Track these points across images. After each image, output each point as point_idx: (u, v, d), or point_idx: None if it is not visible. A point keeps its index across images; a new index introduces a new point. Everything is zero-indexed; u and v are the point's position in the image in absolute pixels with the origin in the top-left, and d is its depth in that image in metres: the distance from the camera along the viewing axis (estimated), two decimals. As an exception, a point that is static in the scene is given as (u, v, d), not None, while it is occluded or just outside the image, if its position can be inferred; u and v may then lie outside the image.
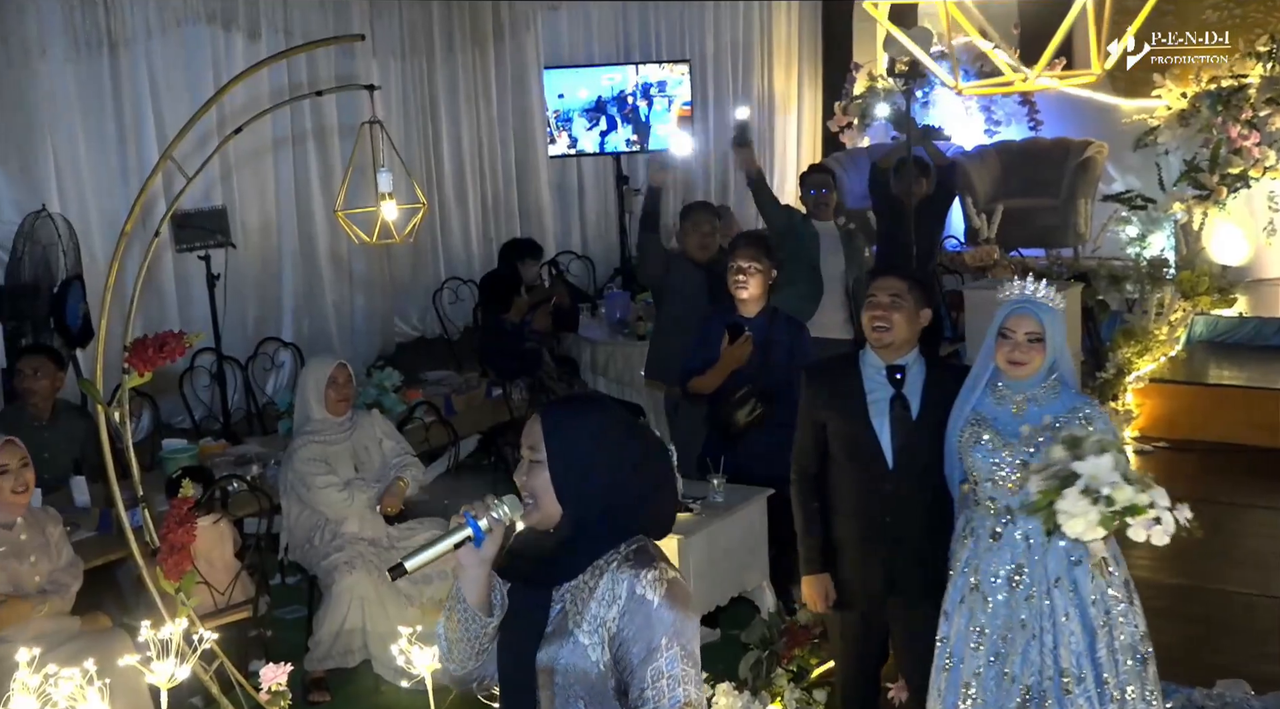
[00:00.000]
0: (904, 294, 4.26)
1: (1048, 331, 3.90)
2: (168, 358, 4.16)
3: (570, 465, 2.55)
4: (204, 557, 5.57)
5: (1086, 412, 3.92)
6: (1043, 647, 3.92)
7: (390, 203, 3.84)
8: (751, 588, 5.83)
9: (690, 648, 2.47)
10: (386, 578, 5.76)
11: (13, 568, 4.87)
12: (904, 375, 4.28)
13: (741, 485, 5.74)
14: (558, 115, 10.26)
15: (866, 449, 4.29)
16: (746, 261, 5.80)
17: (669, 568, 2.52)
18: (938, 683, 4.11)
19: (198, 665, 4.17)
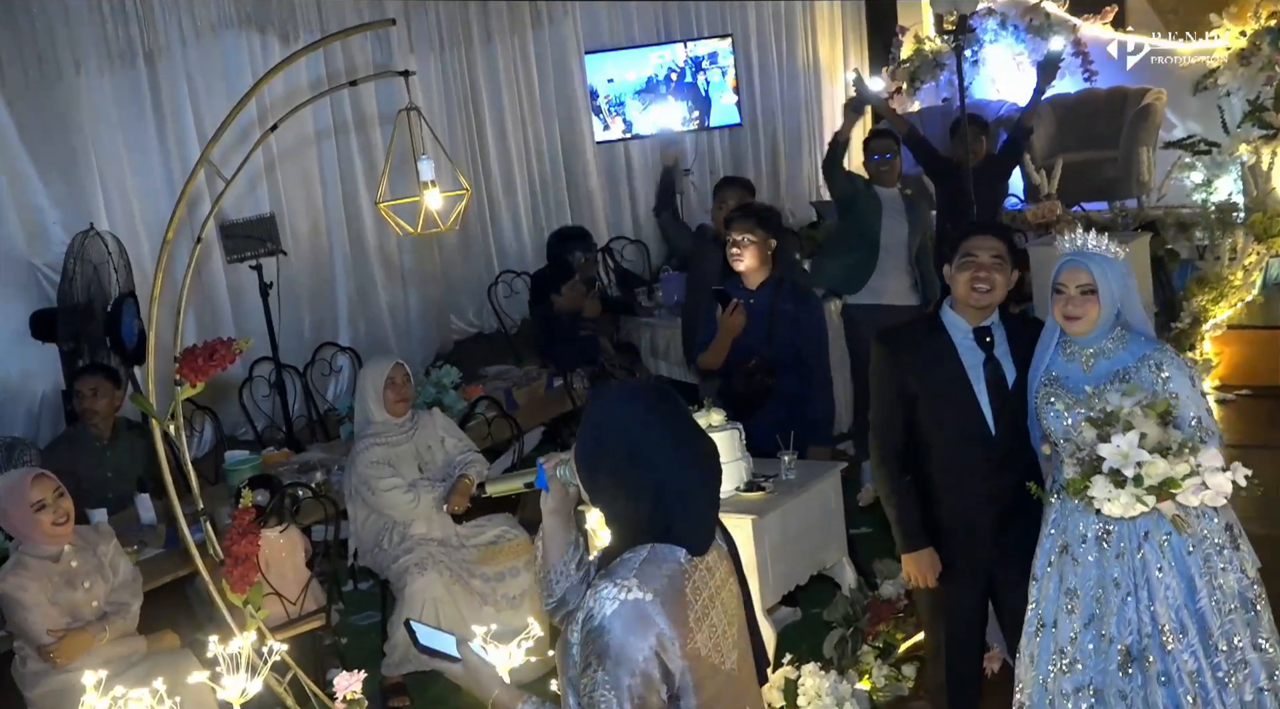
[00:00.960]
0: (1004, 255, 4.10)
1: (1099, 282, 3.74)
2: (218, 366, 4.07)
3: (582, 446, 2.53)
4: (275, 567, 5.51)
5: (1156, 358, 3.76)
6: (1139, 603, 3.76)
7: (434, 191, 3.71)
8: (831, 565, 5.68)
9: (620, 676, 2.32)
10: (459, 578, 5.72)
11: (67, 598, 4.76)
12: (992, 338, 4.11)
13: (815, 461, 5.60)
14: (609, 100, 10.08)
15: (966, 417, 4.10)
16: (740, 234, 5.73)
17: (639, 588, 2.36)
18: (1029, 649, 3.96)
19: (270, 678, 4.09)
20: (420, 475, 5.97)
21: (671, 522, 2.45)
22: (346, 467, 6.06)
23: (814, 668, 5.13)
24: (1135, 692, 3.76)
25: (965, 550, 4.22)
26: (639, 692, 2.32)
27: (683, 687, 2.39)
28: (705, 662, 2.43)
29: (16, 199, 7.30)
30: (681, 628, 2.39)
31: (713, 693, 2.44)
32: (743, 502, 5.22)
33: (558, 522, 2.67)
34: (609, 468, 2.47)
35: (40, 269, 7.30)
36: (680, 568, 2.44)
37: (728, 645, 2.51)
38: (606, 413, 2.51)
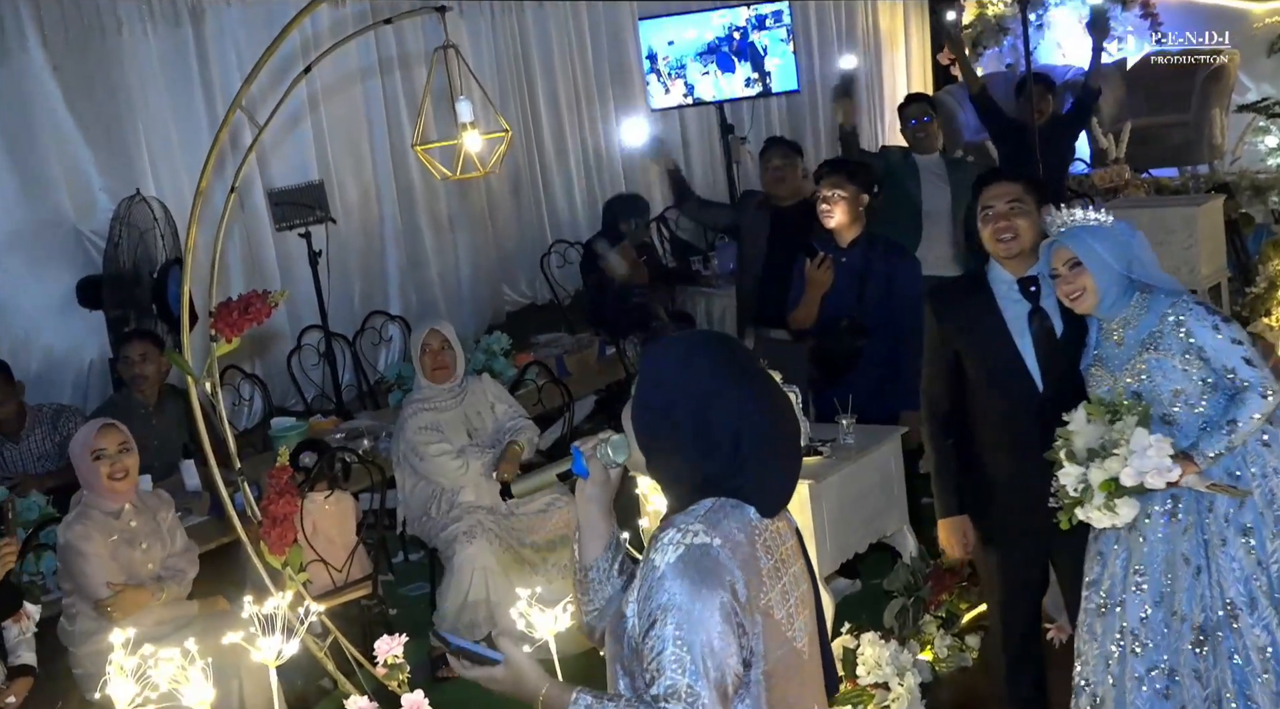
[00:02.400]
0: (1022, 197, 3.91)
1: (1082, 253, 3.59)
2: (254, 320, 3.94)
3: (646, 404, 2.30)
4: (321, 535, 5.41)
5: (1175, 314, 3.56)
6: (1210, 578, 3.58)
7: (473, 133, 3.56)
8: (891, 532, 5.50)
9: (692, 631, 2.10)
10: (509, 546, 5.59)
11: (125, 555, 4.75)
12: (1038, 287, 3.91)
13: (874, 425, 5.41)
14: (668, 62, 9.86)
15: (1011, 373, 3.93)
16: (830, 189, 5.56)
17: (705, 532, 2.16)
18: (1091, 625, 3.79)
19: (310, 640, 3.97)
20: (469, 441, 5.85)
21: (744, 479, 2.24)
22: (394, 433, 5.95)
23: (873, 637, 4.97)
24: (1210, 670, 3.60)
25: (1018, 514, 4.02)
26: (712, 648, 2.10)
27: (754, 650, 2.19)
28: (777, 626, 2.23)
29: (63, 165, 7.25)
30: (753, 579, 2.18)
31: (782, 665, 2.24)
32: (800, 466, 5.04)
33: (597, 512, 2.41)
34: (675, 425, 2.25)
35: (87, 236, 7.25)
36: (750, 522, 2.23)
37: (799, 622, 2.29)
38: (671, 364, 2.29)
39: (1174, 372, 3.56)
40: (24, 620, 4.35)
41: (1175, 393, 3.57)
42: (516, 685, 2.24)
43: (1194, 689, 3.62)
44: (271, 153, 8.19)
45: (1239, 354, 3.53)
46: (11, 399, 6.12)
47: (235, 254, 8.09)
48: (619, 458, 2.35)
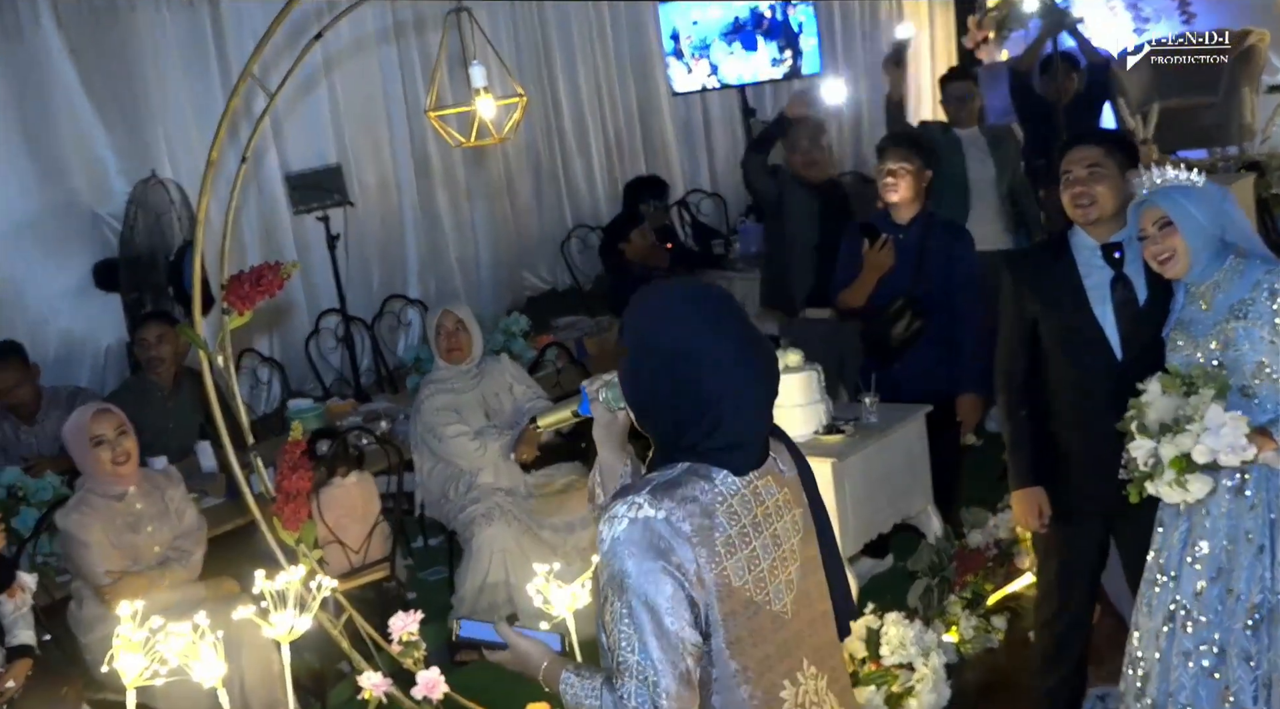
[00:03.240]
0: (1102, 161, 3.77)
1: (1174, 213, 3.44)
2: (265, 292, 3.88)
3: (629, 356, 2.26)
4: (347, 515, 5.34)
5: (1268, 282, 3.41)
6: (1273, 559, 3.47)
7: (486, 99, 3.49)
8: (915, 513, 5.41)
9: (639, 608, 2.08)
10: (528, 528, 5.52)
11: (129, 541, 4.68)
12: (1122, 254, 3.78)
13: (898, 404, 5.32)
14: (690, 41, 9.76)
15: (1089, 342, 3.81)
16: (895, 163, 5.40)
17: (650, 505, 2.11)
18: (1148, 597, 3.68)
19: (323, 617, 3.91)
20: (488, 422, 5.79)
21: (717, 440, 2.19)
22: (412, 415, 5.90)
23: (898, 616, 4.89)
24: (1262, 653, 3.48)
25: (1088, 488, 3.91)
26: (661, 623, 2.08)
27: (710, 620, 2.15)
28: (737, 594, 2.17)
29: (78, 148, 7.21)
30: (706, 550, 2.13)
31: (747, 631, 2.19)
32: (821, 444, 4.98)
33: (610, 452, 2.42)
34: (653, 377, 2.21)
35: (104, 219, 7.21)
36: (714, 488, 2.18)
37: (776, 583, 2.24)
38: (652, 314, 2.23)
39: (1260, 342, 3.42)
40: (19, 594, 4.24)
41: (1259, 365, 3.43)
42: (523, 666, 2.33)
43: (1241, 671, 3.51)
44: (289, 136, 8.15)
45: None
46: (27, 382, 6.08)
47: (252, 238, 8.04)
48: (619, 403, 2.36)
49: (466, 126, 3.59)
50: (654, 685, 2.08)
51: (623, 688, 2.09)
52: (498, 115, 3.54)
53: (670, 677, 2.08)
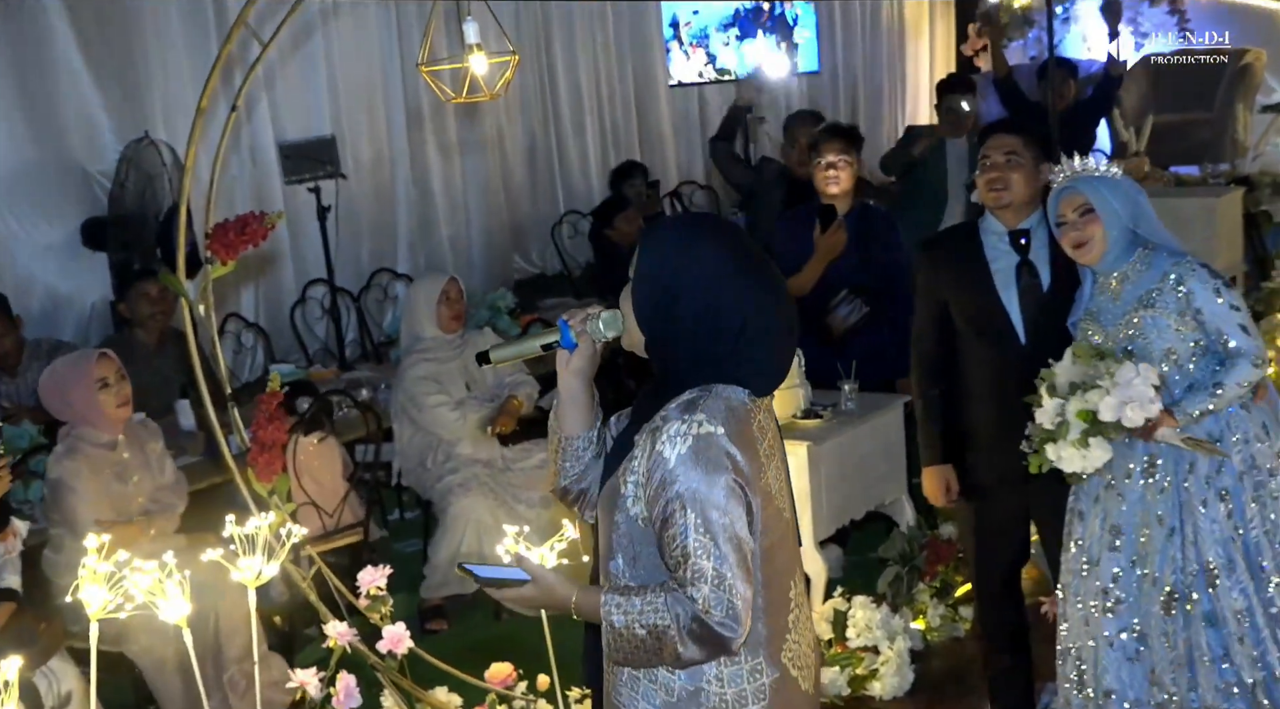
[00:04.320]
0: (1019, 150, 3.91)
1: (1095, 201, 3.55)
2: (250, 241, 3.89)
3: (651, 285, 2.31)
4: (312, 477, 5.38)
5: (1176, 273, 3.51)
6: (1183, 540, 3.56)
7: (479, 55, 3.50)
8: (889, 502, 5.46)
9: (711, 518, 2.18)
10: (503, 502, 5.54)
11: (116, 490, 4.69)
12: (1029, 240, 3.92)
13: (878, 393, 5.39)
14: (689, 28, 9.81)
15: (995, 324, 3.94)
16: (835, 155, 5.55)
17: (709, 422, 2.21)
18: (1073, 586, 3.75)
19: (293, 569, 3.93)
20: (468, 394, 5.81)
21: (742, 363, 2.29)
22: (394, 383, 5.92)
23: (866, 600, 4.94)
24: (1179, 633, 3.58)
25: (997, 466, 4.00)
26: (731, 528, 2.19)
27: (755, 527, 2.26)
28: (773, 502, 2.32)
29: (73, 106, 7.19)
30: (754, 461, 2.26)
31: (778, 538, 2.34)
32: (799, 428, 5.02)
33: (580, 384, 2.45)
34: (680, 308, 2.27)
35: (95, 177, 7.19)
36: (745, 405, 2.29)
37: (787, 499, 2.41)
38: (676, 249, 2.31)
39: (1168, 330, 3.53)
40: (10, 538, 4.26)
41: (1167, 352, 3.55)
42: (549, 599, 2.31)
43: (1162, 651, 3.60)
44: (283, 105, 8.14)
45: (1236, 320, 3.51)
46: (10, 333, 6.09)
47: (244, 206, 8.02)
48: (609, 333, 2.38)
49: (458, 84, 3.61)
50: (731, 589, 2.17)
51: (697, 594, 2.17)
52: (490, 73, 3.56)
53: (742, 581, 2.19)
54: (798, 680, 2.38)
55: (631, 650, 2.22)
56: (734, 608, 2.18)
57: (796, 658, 2.38)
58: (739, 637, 2.21)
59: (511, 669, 4.25)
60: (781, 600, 2.36)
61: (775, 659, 2.33)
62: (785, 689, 2.34)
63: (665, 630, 2.18)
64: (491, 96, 3.56)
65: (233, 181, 7.74)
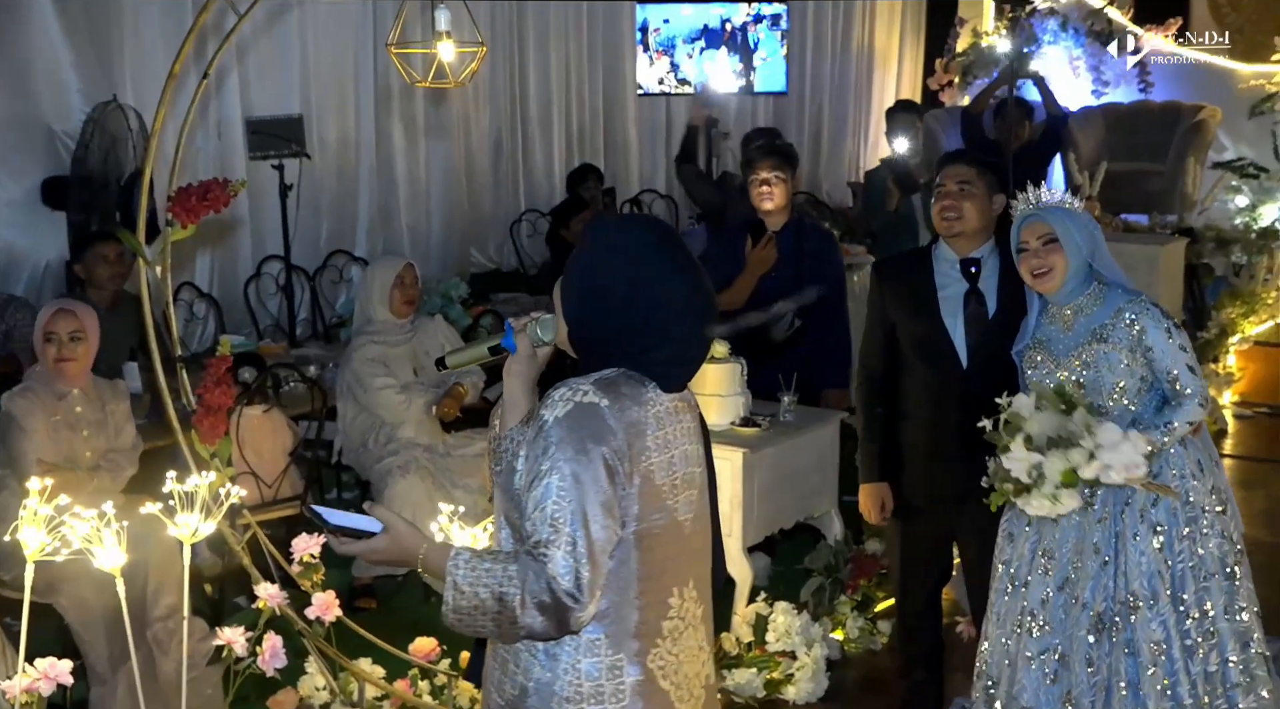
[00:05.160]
0: (974, 180, 4.04)
1: (1060, 232, 3.63)
2: (212, 207, 3.96)
3: (575, 278, 2.38)
4: (252, 447, 5.43)
5: (1130, 310, 3.62)
6: (1115, 570, 3.66)
7: (448, 43, 3.60)
8: (819, 514, 5.56)
9: (575, 484, 2.19)
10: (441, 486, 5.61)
11: (65, 437, 4.75)
12: (979, 269, 4.05)
13: (815, 408, 5.49)
14: (657, 34, 9.94)
15: (939, 348, 4.06)
16: (769, 172, 5.63)
17: (594, 393, 2.24)
18: (998, 607, 3.85)
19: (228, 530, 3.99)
20: (415, 379, 5.87)
21: (657, 358, 2.35)
22: (342, 363, 5.98)
23: (788, 606, 5.04)
24: (1102, 659, 3.68)
25: (930, 486, 4.15)
26: (595, 500, 2.19)
27: (628, 512, 2.27)
28: (657, 492, 2.31)
29: (43, 62, 7.17)
30: (638, 441, 2.27)
31: (657, 528, 2.32)
32: (736, 435, 5.12)
33: (520, 386, 2.47)
34: (606, 303, 2.33)
35: (59, 135, 7.18)
36: (646, 393, 2.33)
37: (683, 497, 2.38)
38: (609, 246, 2.37)
39: (1119, 366, 3.62)
40: None
41: (1117, 385, 3.64)
42: (398, 549, 2.28)
43: (1082, 674, 3.69)
44: (254, 82, 8.18)
45: (1184, 360, 3.62)
46: (-38, 285, 6.11)
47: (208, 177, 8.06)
48: (546, 337, 2.43)
49: (427, 70, 3.70)
50: (581, 559, 2.16)
51: (548, 556, 2.16)
52: (458, 62, 3.65)
53: (595, 555, 2.18)
54: (668, 693, 2.36)
55: (470, 610, 2.20)
56: (581, 579, 2.17)
57: (669, 670, 2.36)
58: (581, 612, 2.19)
59: (435, 644, 4.32)
60: (658, 602, 2.35)
61: (639, 661, 2.32)
62: (650, 697, 2.33)
63: (509, 594, 2.16)
64: (456, 84, 3.66)
65: (197, 153, 7.76)
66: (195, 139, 7.57)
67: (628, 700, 2.30)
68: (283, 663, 3.65)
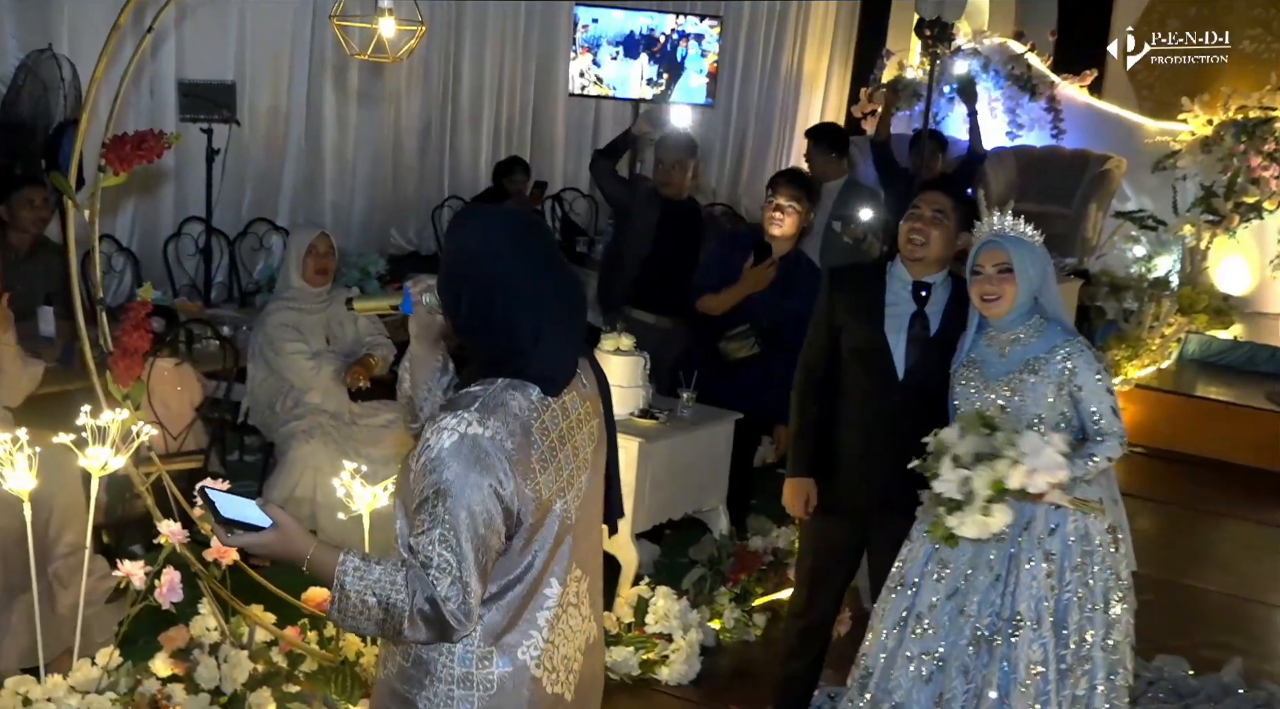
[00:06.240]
0: (948, 211, 4.12)
1: (1016, 263, 3.77)
2: (146, 157, 4.06)
3: (446, 279, 2.42)
4: (161, 399, 5.51)
5: (1066, 349, 3.79)
6: (1005, 589, 3.83)
7: (389, 19, 3.74)
8: (707, 509, 5.78)
9: (461, 513, 2.25)
10: (345, 453, 5.72)
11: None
12: (929, 294, 4.17)
13: (714, 408, 5.69)
14: (586, 31, 10.11)
15: (878, 360, 4.18)
16: (786, 200, 5.72)
17: (478, 423, 2.28)
18: (884, 603, 4.03)
19: (133, 470, 4.10)
20: (327, 347, 5.99)
21: (529, 362, 2.37)
22: (256, 325, 6.08)
23: (669, 591, 5.23)
24: (978, 670, 3.83)
25: (852, 488, 4.29)
26: (477, 530, 2.26)
27: (519, 526, 2.36)
28: (544, 504, 2.39)
29: (-22, 6, 7.20)
30: (523, 468, 2.32)
31: (542, 538, 2.41)
32: (634, 426, 5.31)
33: (423, 347, 2.59)
34: (469, 299, 2.36)
35: (-11, 79, 7.20)
36: (531, 405, 2.36)
37: (573, 494, 2.46)
38: (469, 241, 2.40)
39: (1043, 399, 3.78)
40: None
41: (1036, 417, 3.79)
42: (285, 548, 2.31)
43: (958, 682, 3.85)
44: (190, 43, 8.21)
45: (1109, 403, 3.79)
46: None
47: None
48: (437, 308, 2.50)
49: (365, 44, 3.84)
50: (466, 586, 2.25)
51: (436, 581, 2.24)
52: (396, 38, 3.81)
53: (476, 580, 2.27)
54: (541, 681, 2.43)
55: (355, 615, 2.27)
56: (467, 604, 2.26)
57: (544, 658, 2.43)
58: (464, 630, 2.29)
59: (328, 595, 4.45)
60: (534, 597, 2.41)
61: (510, 653, 2.40)
62: (523, 687, 2.41)
63: (396, 605, 2.24)
64: (394, 59, 3.80)
65: (128, 110, 7.78)
66: (128, 95, 7.59)
67: (494, 689, 2.39)
68: (179, 597, 3.78)
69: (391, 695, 2.46)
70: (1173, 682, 5.21)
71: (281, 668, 4.23)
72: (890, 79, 12.15)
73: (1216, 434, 8.40)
